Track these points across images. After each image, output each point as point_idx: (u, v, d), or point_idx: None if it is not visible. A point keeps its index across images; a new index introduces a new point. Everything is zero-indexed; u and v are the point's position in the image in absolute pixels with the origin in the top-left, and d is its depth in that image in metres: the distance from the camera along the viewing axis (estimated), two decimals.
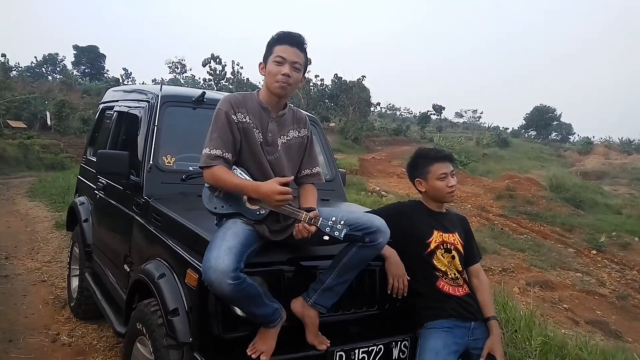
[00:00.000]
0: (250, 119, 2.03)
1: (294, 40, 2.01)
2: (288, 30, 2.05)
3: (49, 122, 21.41)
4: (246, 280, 1.73)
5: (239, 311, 1.87)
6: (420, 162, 2.36)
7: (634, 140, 53.66)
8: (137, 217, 2.73)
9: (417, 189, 2.38)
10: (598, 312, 9.08)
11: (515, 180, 21.54)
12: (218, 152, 1.95)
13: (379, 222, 1.93)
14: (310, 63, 2.23)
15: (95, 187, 3.69)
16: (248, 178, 2.00)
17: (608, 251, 13.65)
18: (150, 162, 2.73)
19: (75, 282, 4.09)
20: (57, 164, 18.06)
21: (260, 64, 2.09)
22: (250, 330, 1.89)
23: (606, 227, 15.64)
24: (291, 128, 2.14)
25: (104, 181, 3.48)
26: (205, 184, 2.04)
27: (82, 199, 4.16)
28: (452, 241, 2.26)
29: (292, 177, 1.98)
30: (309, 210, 1.91)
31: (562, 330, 5.63)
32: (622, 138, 52.56)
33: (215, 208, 1.97)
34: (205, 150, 1.97)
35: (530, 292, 9.32)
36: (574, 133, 69.01)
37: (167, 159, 2.83)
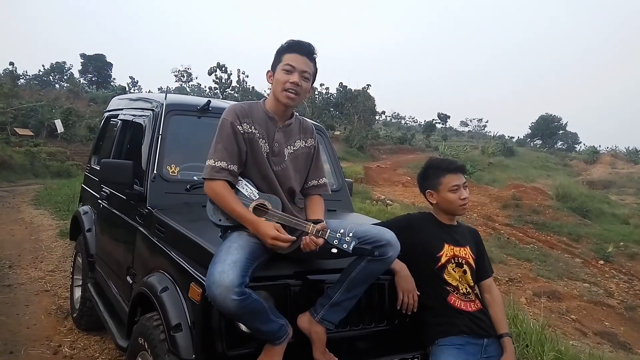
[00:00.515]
0: (256, 129, 1.98)
1: (303, 49, 1.97)
2: (298, 39, 2.01)
3: (60, 129, 21.36)
4: (251, 295, 1.67)
5: (243, 327, 1.80)
6: (431, 173, 2.29)
7: None
8: (140, 228, 2.68)
9: (428, 201, 2.32)
10: (606, 323, 8.96)
11: (521, 190, 21.43)
12: (223, 164, 1.90)
13: (389, 235, 1.87)
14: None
15: (99, 196, 3.65)
16: (253, 189, 1.95)
17: (616, 261, 13.52)
18: (154, 172, 2.68)
19: (78, 293, 4.04)
20: (63, 171, 18.11)
21: (268, 72, 2.04)
22: (255, 347, 1.82)
23: (613, 237, 15.51)
24: (298, 138, 2.09)
25: (107, 190, 3.44)
26: None
27: (86, 208, 4.12)
28: (464, 255, 2.19)
29: (295, 238, 1.85)
30: (316, 222, 1.86)
31: (571, 342, 5.53)
32: (628, 147, 52.29)
33: (220, 220, 1.92)
34: (210, 162, 1.92)
35: (538, 302, 9.22)
36: (580, 142, 68.64)
37: (171, 169, 2.78)
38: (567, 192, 20.44)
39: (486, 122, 76.69)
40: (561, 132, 65.94)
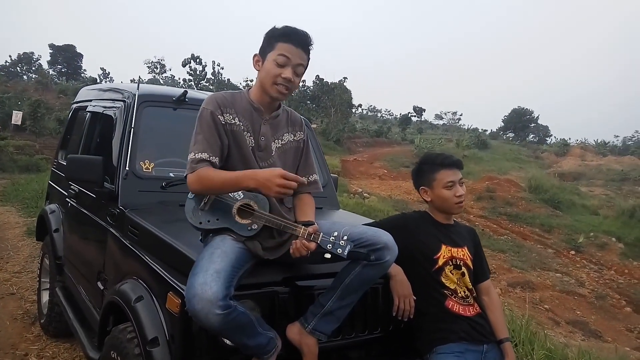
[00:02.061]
0: (239, 121, 1.80)
1: (300, 41, 1.77)
2: (294, 26, 1.80)
3: (16, 121, 20.42)
4: (237, 308, 1.50)
5: (228, 341, 1.64)
6: (425, 169, 2.16)
7: (608, 142, 54.85)
8: (111, 229, 2.48)
9: (422, 198, 2.19)
10: (578, 312, 9.17)
11: (495, 182, 21.73)
12: (204, 155, 1.71)
13: (386, 237, 1.72)
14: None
15: (66, 194, 3.41)
16: None
17: (586, 251, 13.88)
18: (126, 168, 2.48)
19: (45, 297, 3.79)
20: (31, 165, 17.47)
21: (256, 56, 1.84)
22: None
23: (584, 227, 15.90)
24: (286, 131, 1.92)
25: (75, 188, 3.21)
26: (189, 195, 1.81)
27: (53, 206, 3.87)
28: (462, 256, 2.07)
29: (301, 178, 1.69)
30: (307, 224, 1.69)
31: (545, 332, 5.59)
32: (597, 140, 53.62)
33: (201, 223, 1.74)
34: (191, 155, 1.73)
35: (512, 293, 9.36)
36: (551, 135, 69.95)
37: (145, 165, 2.58)
38: (539, 184, 20.84)
39: (460, 115, 77.46)
40: (533, 125, 67.09)
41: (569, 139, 51.87)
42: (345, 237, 1.61)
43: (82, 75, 53.48)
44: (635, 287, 11.26)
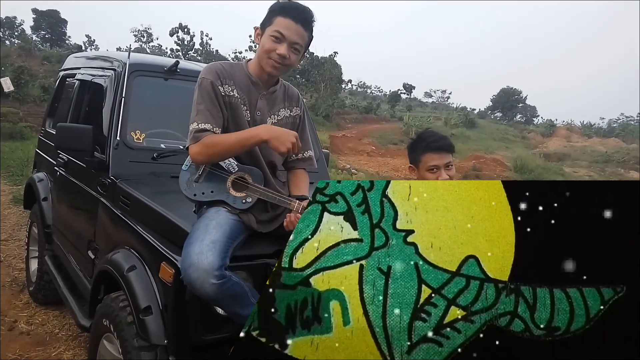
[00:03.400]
0: (237, 94, 1.79)
1: (299, 16, 1.73)
2: (296, 1, 1.75)
3: (8, 88, 19.89)
4: (231, 278, 1.53)
5: (220, 310, 1.67)
6: (417, 147, 2.12)
7: (594, 124, 55.45)
8: (102, 199, 2.47)
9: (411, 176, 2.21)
10: None
11: (481, 161, 21.93)
12: (207, 126, 1.70)
13: None
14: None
15: (55, 163, 3.38)
16: (232, 161, 1.78)
17: None
18: (117, 138, 2.47)
19: (34, 265, 3.79)
20: (16, 133, 17.13)
21: (257, 29, 1.81)
22: (233, 331, 1.69)
23: None
24: (282, 106, 1.91)
25: (65, 157, 3.18)
26: (183, 167, 1.82)
27: (41, 175, 3.83)
28: None
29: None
30: (301, 198, 1.72)
31: None
32: (583, 121, 54.15)
33: (195, 195, 1.75)
34: (193, 125, 1.70)
35: None
36: (538, 115, 70.38)
37: (136, 135, 2.57)
38: (525, 163, 21.07)
39: (450, 93, 77.50)
40: (520, 105, 67.35)
41: (556, 119, 52.29)
42: None
43: (67, 42, 52.10)
44: None
